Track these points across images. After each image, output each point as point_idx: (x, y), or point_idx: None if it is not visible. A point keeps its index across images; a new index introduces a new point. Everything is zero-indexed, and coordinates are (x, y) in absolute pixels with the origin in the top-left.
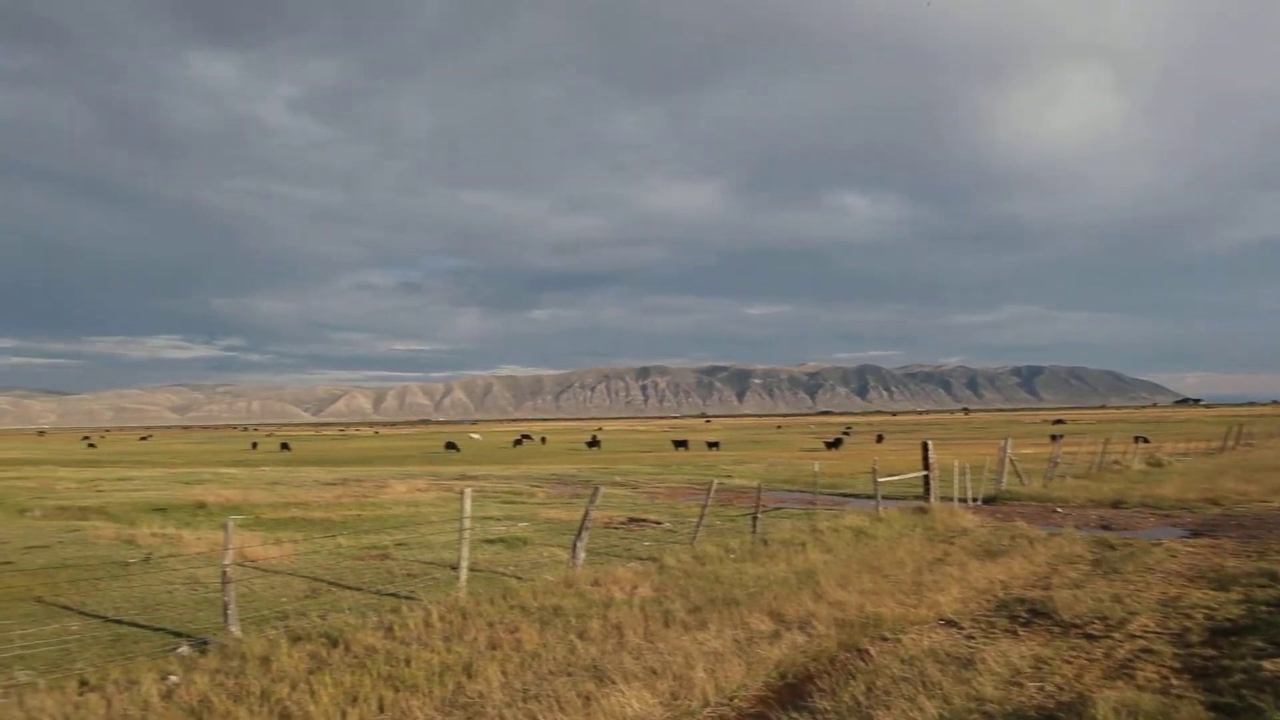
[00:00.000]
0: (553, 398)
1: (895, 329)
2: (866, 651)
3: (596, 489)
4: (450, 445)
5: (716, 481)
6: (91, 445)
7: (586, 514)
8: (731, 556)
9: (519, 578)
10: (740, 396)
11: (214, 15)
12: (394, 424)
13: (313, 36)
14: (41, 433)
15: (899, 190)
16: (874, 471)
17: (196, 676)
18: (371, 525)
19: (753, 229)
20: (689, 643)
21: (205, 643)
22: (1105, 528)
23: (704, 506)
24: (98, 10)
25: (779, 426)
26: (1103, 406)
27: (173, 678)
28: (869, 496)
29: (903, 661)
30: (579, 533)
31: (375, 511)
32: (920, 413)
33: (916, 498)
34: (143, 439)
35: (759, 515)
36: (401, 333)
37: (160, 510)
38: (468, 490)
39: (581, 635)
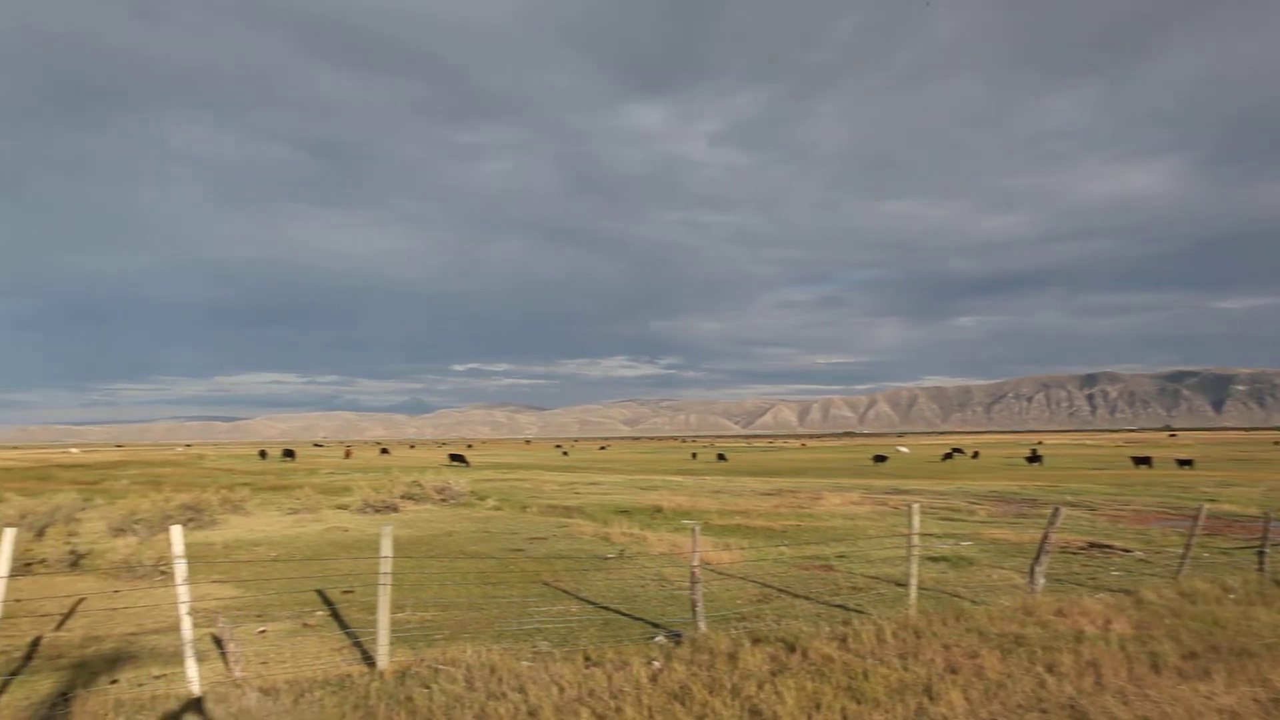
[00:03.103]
0: (983, 409)
1: None
2: None
3: (1057, 510)
4: (879, 458)
5: (1206, 506)
6: (565, 453)
7: (1045, 536)
8: (1231, 597)
9: (972, 600)
10: (1217, 406)
11: (645, 70)
12: (818, 436)
13: (731, 73)
14: (528, 442)
15: None
16: None
17: (675, 665)
18: (810, 536)
19: (1224, 208)
20: (1189, 694)
21: (678, 635)
22: None
23: (1190, 535)
24: (558, 83)
25: (1277, 442)
26: None
27: (655, 663)
28: None
29: None
30: (1037, 556)
31: (812, 523)
32: None
33: None
34: (601, 449)
35: (1266, 550)
36: (824, 346)
37: (625, 512)
38: (915, 505)
39: (1050, 669)
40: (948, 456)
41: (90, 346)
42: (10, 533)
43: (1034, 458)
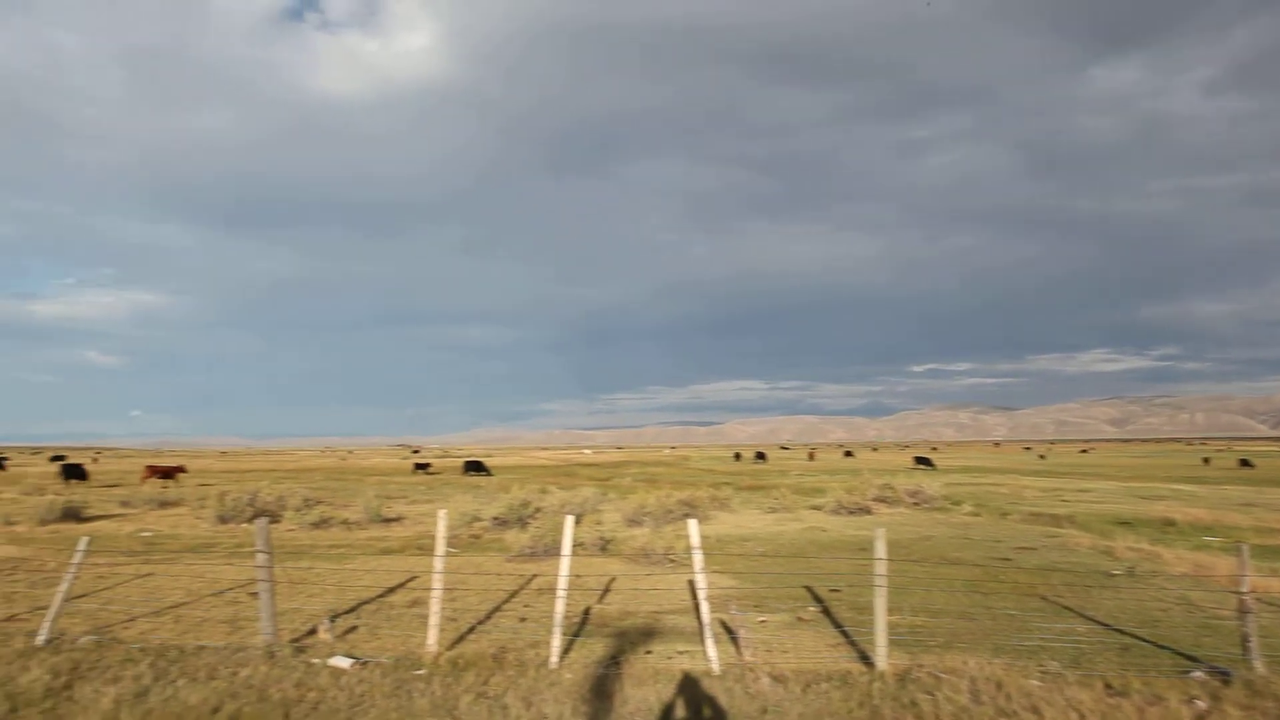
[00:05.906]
0: None
1: None
2: None
3: None
4: None
5: None
6: (1041, 457)
7: None
8: None
9: None
10: None
11: (1111, 25)
12: None
13: (1225, 5)
14: (996, 444)
15: None
16: None
17: (1227, 708)
18: None
19: None
20: None
21: (1225, 673)
22: None
23: None
24: (1011, 59)
25: None
26: None
27: (1199, 703)
28: None
29: None
30: None
31: None
32: None
33: None
34: (1082, 452)
35: None
36: None
37: (1125, 524)
38: None
39: None
40: None
41: (595, 363)
42: (570, 519)
43: None
